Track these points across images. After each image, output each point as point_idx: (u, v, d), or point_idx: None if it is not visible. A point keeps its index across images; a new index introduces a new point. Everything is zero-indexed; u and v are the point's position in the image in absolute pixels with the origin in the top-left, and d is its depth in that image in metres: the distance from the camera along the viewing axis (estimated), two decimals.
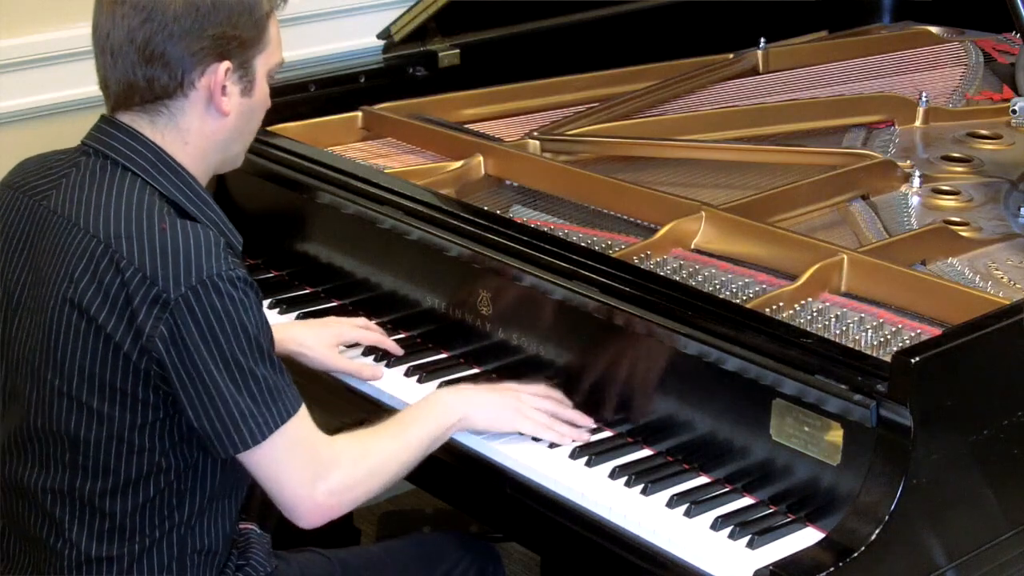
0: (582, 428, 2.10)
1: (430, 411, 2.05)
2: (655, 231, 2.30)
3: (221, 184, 2.60)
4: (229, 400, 1.79)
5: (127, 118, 1.89)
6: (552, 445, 2.09)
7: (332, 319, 2.40)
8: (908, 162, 2.61)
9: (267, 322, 1.85)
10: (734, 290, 2.16)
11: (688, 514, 1.92)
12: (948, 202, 2.51)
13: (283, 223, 2.61)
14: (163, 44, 1.83)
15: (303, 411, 1.86)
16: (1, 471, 1.94)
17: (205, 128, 1.90)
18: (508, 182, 2.60)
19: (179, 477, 1.87)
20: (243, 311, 1.79)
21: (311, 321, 2.40)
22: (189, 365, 1.77)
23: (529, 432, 2.08)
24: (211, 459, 1.88)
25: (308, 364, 2.29)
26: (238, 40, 1.87)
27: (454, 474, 2.18)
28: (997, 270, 2.24)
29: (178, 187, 1.88)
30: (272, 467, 1.84)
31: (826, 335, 2.00)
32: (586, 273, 2.13)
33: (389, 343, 2.34)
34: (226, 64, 1.86)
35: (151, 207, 1.82)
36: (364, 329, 2.35)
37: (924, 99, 2.89)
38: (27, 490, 1.89)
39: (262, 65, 1.92)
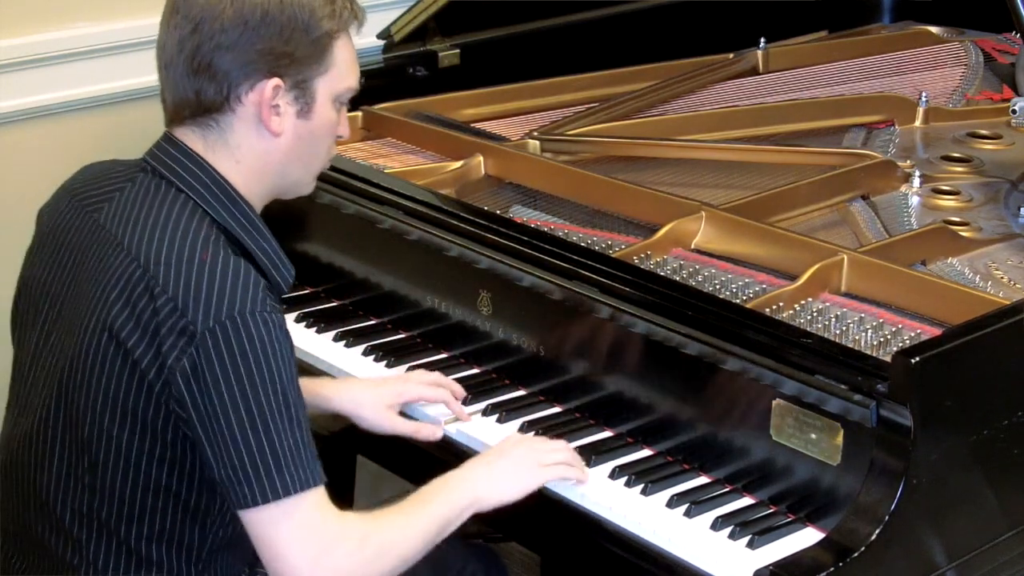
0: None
1: (442, 493, 1.91)
2: (655, 231, 2.30)
3: None
4: (243, 449, 1.70)
5: (182, 134, 1.85)
6: None
7: (397, 376, 2.25)
8: (908, 162, 2.61)
9: (297, 380, 1.75)
10: (734, 290, 2.16)
11: (688, 514, 1.92)
12: (948, 202, 2.51)
13: (283, 223, 2.59)
14: (209, 55, 1.79)
15: (322, 490, 1.75)
16: (15, 478, 1.90)
17: (257, 147, 1.85)
18: (508, 182, 2.60)
19: (200, 512, 1.83)
20: (272, 356, 1.71)
21: (372, 379, 2.26)
22: (207, 404, 1.70)
23: (555, 479, 1.98)
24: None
25: (362, 425, 2.17)
26: (290, 57, 1.81)
27: None
28: (997, 270, 2.24)
29: (232, 214, 1.83)
30: (272, 534, 1.73)
31: (826, 335, 2.00)
32: (586, 273, 2.13)
33: (456, 407, 2.18)
34: (275, 81, 1.81)
35: (197, 234, 1.77)
36: (431, 386, 2.20)
37: (924, 99, 2.89)
38: (46, 505, 1.85)
39: (324, 88, 1.85)
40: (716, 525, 1.90)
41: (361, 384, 2.22)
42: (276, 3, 1.80)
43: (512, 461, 1.97)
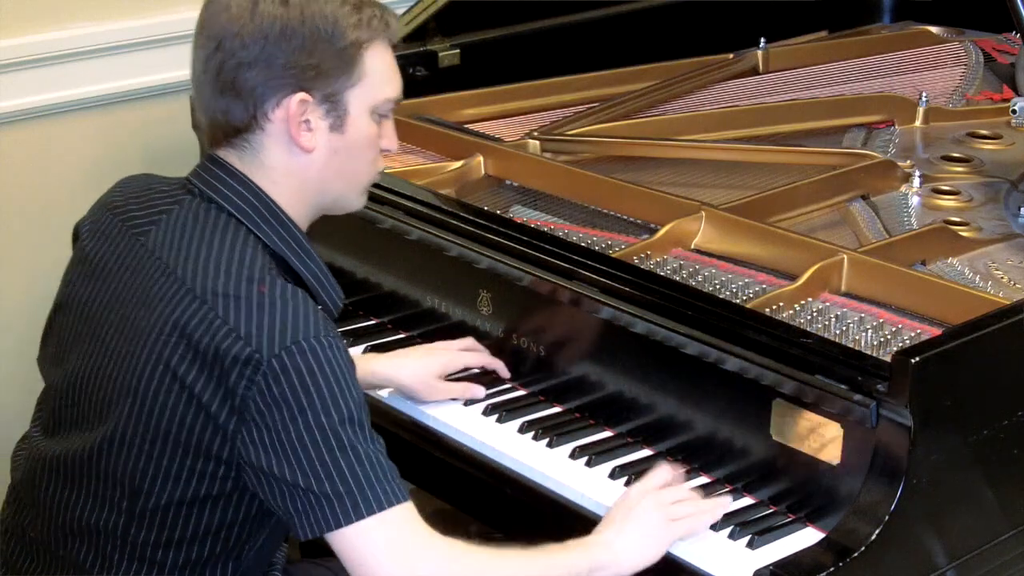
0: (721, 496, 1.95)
1: (557, 550, 1.81)
2: (655, 231, 2.30)
3: None
4: (320, 471, 1.67)
5: (225, 155, 1.83)
6: (551, 444, 2.09)
7: (436, 346, 2.26)
8: (908, 162, 2.61)
9: (364, 400, 1.74)
10: (734, 290, 2.16)
11: None
12: (948, 202, 2.51)
13: None
14: (232, 72, 1.76)
15: (410, 504, 1.73)
16: (42, 491, 1.87)
17: (291, 165, 1.81)
18: (508, 182, 2.60)
19: (239, 544, 1.82)
20: (341, 376, 1.69)
21: (414, 350, 2.27)
22: (282, 429, 1.67)
23: (686, 534, 1.88)
24: (270, 527, 1.83)
25: (413, 397, 2.21)
26: (316, 70, 1.77)
27: (454, 474, 2.18)
28: (997, 270, 2.24)
29: (283, 238, 1.81)
30: (368, 552, 1.70)
31: (826, 335, 2.00)
32: (586, 273, 2.13)
33: (498, 364, 2.24)
34: (300, 95, 1.77)
35: (252, 263, 1.74)
36: (471, 352, 2.25)
37: (924, 99, 2.89)
38: (77, 521, 1.82)
39: (358, 100, 1.81)
40: (716, 525, 1.89)
41: (408, 357, 2.23)
42: (296, 15, 1.76)
43: (642, 523, 1.86)
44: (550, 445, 2.10)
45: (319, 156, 1.82)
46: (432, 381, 2.21)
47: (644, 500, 1.88)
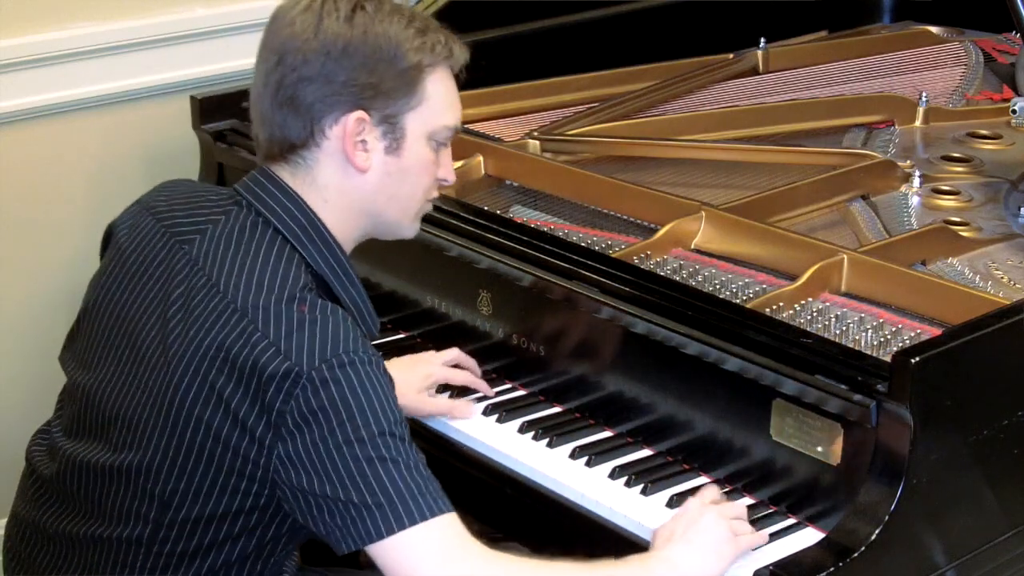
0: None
1: (622, 565, 1.78)
2: (655, 231, 2.30)
3: (220, 184, 2.59)
4: (362, 485, 1.65)
5: (277, 169, 1.83)
6: (551, 444, 2.09)
7: (421, 357, 2.25)
8: (908, 162, 2.61)
9: (403, 414, 1.72)
10: (734, 290, 2.16)
11: None
12: (948, 202, 2.51)
13: None
14: (292, 88, 1.76)
15: (454, 515, 1.71)
16: (73, 490, 1.86)
17: (346, 185, 1.81)
18: (508, 182, 2.60)
19: (259, 561, 1.82)
20: (380, 391, 1.69)
21: (397, 361, 2.23)
22: (320, 444, 1.66)
23: (748, 548, 1.84)
24: (292, 538, 1.84)
25: None
26: (375, 89, 1.77)
27: (454, 474, 2.18)
28: (997, 270, 2.24)
29: (326, 259, 1.81)
30: (404, 562, 1.67)
31: (826, 335, 2.00)
32: (586, 273, 2.13)
33: (481, 384, 2.23)
34: (358, 114, 1.77)
35: (295, 281, 1.74)
36: (451, 366, 2.23)
37: (924, 99, 2.89)
38: (105, 530, 1.82)
39: (416, 123, 1.81)
40: None
41: (392, 369, 2.21)
42: (359, 34, 1.76)
43: (708, 538, 1.80)
44: (550, 445, 2.10)
45: (373, 177, 1.82)
46: (414, 395, 2.18)
47: (708, 513, 1.83)
